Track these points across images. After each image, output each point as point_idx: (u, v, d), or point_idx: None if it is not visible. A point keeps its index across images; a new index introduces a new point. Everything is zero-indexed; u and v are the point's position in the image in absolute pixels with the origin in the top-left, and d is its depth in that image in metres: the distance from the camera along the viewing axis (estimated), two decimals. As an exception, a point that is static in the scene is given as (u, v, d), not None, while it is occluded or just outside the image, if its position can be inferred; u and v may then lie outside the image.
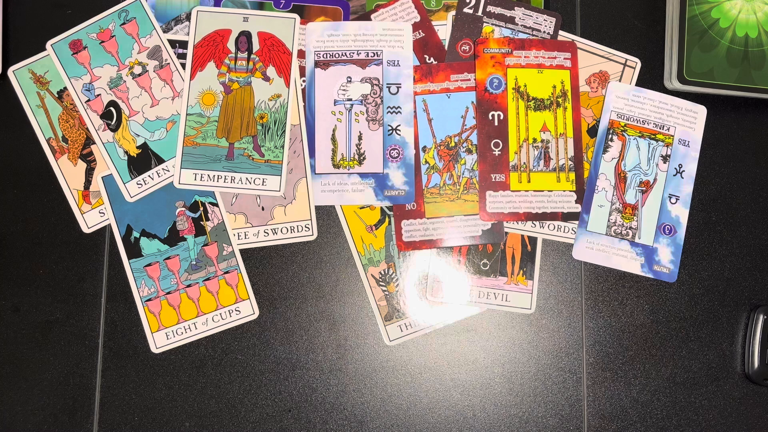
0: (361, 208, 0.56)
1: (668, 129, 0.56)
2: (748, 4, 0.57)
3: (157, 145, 0.55)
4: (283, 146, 0.55)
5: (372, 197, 0.55)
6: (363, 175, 0.55)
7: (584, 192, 0.55)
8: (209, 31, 0.55)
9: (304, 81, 0.56)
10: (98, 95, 0.55)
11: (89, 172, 0.55)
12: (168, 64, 0.55)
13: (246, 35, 0.56)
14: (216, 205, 0.55)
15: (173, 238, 0.55)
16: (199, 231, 0.55)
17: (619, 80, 0.57)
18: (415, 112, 0.55)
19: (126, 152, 0.55)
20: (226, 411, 0.54)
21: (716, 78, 0.56)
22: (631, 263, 0.55)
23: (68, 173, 0.55)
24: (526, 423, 0.55)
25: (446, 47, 0.56)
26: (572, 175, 0.55)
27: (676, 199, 0.56)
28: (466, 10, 0.56)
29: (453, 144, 0.55)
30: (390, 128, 0.55)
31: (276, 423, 0.54)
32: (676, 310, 0.57)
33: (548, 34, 0.56)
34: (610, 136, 0.56)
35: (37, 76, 0.55)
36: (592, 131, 0.57)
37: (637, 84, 0.57)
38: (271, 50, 0.55)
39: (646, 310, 0.57)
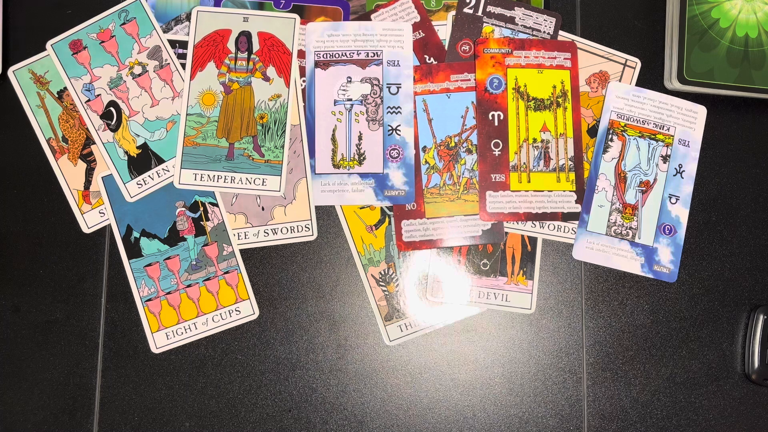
0: (361, 208, 0.56)
1: (668, 129, 0.56)
2: (748, 4, 0.57)
3: (157, 145, 0.55)
4: (283, 146, 0.55)
5: (372, 197, 0.55)
6: (363, 175, 0.55)
7: (584, 192, 0.55)
8: (209, 31, 0.55)
9: (304, 81, 0.56)
10: (98, 95, 0.55)
11: (89, 172, 0.55)
12: (168, 64, 0.55)
13: (246, 35, 0.55)
14: (216, 205, 0.55)
15: (173, 238, 0.55)
16: (199, 231, 0.55)
17: (619, 80, 0.57)
18: (415, 112, 0.55)
19: (126, 152, 0.55)
20: (226, 411, 0.54)
21: (716, 78, 0.56)
22: (631, 263, 0.55)
23: (68, 173, 0.55)
24: (526, 423, 0.55)
25: (446, 47, 0.56)
26: (572, 175, 0.55)
27: (676, 199, 0.56)
28: (466, 10, 0.56)
29: (453, 144, 0.55)
30: (390, 128, 0.55)
31: (276, 423, 0.54)
32: (676, 310, 0.57)
33: (548, 34, 0.56)
34: (610, 136, 0.56)
35: (37, 76, 0.55)
36: (592, 131, 0.57)
37: (637, 84, 0.57)
38: (271, 50, 0.55)
39: (646, 310, 0.57)
